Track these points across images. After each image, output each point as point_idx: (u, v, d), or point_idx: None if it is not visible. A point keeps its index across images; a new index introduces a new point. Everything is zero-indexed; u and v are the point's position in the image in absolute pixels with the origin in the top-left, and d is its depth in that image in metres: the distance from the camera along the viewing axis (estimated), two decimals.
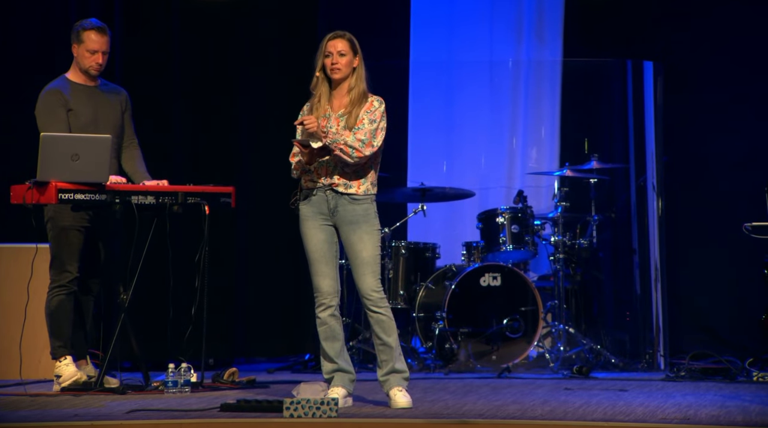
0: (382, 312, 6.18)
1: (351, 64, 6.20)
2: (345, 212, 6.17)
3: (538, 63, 9.60)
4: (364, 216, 6.18)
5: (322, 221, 6.22)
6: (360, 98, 6.18)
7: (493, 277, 8.56)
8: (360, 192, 6.18)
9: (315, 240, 6.22)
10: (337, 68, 6.18)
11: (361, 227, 6.17)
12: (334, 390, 6.18)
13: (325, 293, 6.23)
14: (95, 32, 7.02)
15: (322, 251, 6.21)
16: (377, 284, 6.18)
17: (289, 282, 9.36)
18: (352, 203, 6.17)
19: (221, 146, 9.14)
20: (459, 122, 9.58)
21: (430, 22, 9.72)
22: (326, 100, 6.24)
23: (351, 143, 6.08)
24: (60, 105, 6.97)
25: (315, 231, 6.22)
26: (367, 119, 6.15)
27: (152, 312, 7.96)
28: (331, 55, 6.19)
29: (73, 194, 6.64)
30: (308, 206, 6.23)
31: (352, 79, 6.21)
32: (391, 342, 6.18)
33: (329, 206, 6.19)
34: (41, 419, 5.72)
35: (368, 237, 6.17)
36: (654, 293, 8.80)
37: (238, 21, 9.24)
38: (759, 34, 9.25)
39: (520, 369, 8.39)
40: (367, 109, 6.18)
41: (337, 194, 6.17)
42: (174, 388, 6.72)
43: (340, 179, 6.16)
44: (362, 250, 6.16)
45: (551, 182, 9.04)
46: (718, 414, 5.87)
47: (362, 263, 6.17)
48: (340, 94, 6.23)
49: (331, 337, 6.24)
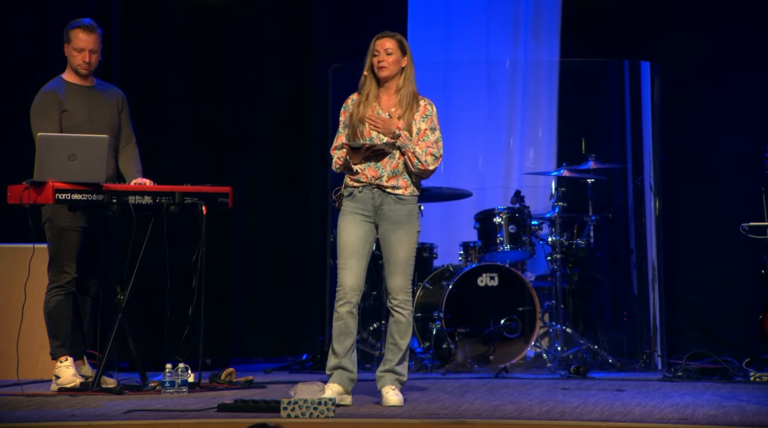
0: (404, 314, 6.24)
1: (399, 63, 6.26)
2: (390, 211, 6.22)
3: (535, 63, 9.60)
4: (408, 217, 6.23)
5: (364, 217, 6.24)
6: (411, 101, 6.26)
7: (491, 277, 8.56)
8: (407, 193, 6.24)
9: (353, 235, 6.23)
10: (384, 66, 6.23)
11: (402, 227, 6.22)
12: (330, 386, 6.20)
13: (348, 289, 6.22)
14: (82, 30, 7.02)
15: (355, 246, 6.22)
16: (408, 286, 6.24)
17: (287, 282, 9.36)
18: (398, 202, 6.22)
19: (219, 146, 9.14)
20: (456, 122, 9.57)
21: (426, 22, 9.72)
22: (374, 98, 6.28)
23: (419, 156, 6.18)
24: (53, 107, 6.97)
25: (354, 226, 6.24)
26: (427, 128, 6.24)
27: (150, 312, 7.95)
28: (379, 53, 6.24)
29: (71, 195, 6.63)
30: (352, 202, 6.26)
31: (399, 79, 6.28)
32: (402, 345, 6.25)
33: (374, 204, 6.23)
34: (38, 419, 5.71)
35: (407, 238, 6.22)
36: (651, 293, 8.81)
37: (236, 20, 9.23)
38: (756, 34, 9.25)
39: (518, 369, 8.38)
40: (423, 113, 6.27)
41: (383, 192, 6.21)
42: (171, 388, 6.72)
43: (388, 180, 6.21)
44: (399, 250, 6.21)
45: (548, 182, 9.04)
46: (715, 414, 5.87)
47: (397, 262, 6.22)
48: (387, 93, 6.29)
49: (344, 334, 6.24)
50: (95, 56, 7.07)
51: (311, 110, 9.25)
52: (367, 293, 8.64)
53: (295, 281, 9.29)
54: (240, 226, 9.23)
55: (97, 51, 7.07)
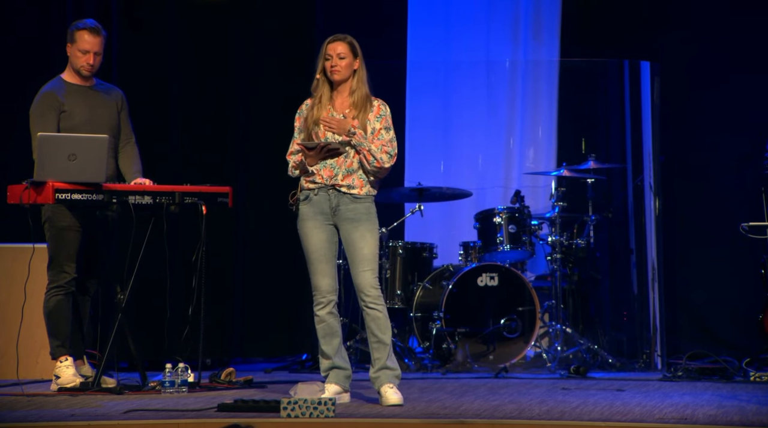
0: (379, 309, 6.25)
1: (351, 66, 6.29)
2: (347, 211, 6.24)
3: (535, 63, 9.60)
4: (366, 214, 6.26)
5: (323, 220, 6.27)
6: (364, 102, 6.29)
7: (491, 277, 8.56)
8: (362, 192, 6.27)
9: (316, 240, 6.27)
10: (337, 71, 6.27)
11: (363, 224, 6.25)
12: (328, 387, 6.26)
13: (324, 292, 6.30)
14: (88, 32, 7.02)
15: (322, 250, 6.28)
16: (376, 282, 6.26)
17: (286, 282, 9.35)
18: (354, 201, 6.25)
19: (219, 146, 9.14)
20: (456, 122, 9.58)
21: (427, 22, 9.72)
22: (327, 100, 6.32)
23: (375, 153, 6.20)
24: (52, 108, 6.97)
25: (316, 231, 6.28)
26: (382, 127, 6.26)
27: (149, 312, 7.95)
28: (331, 57, 6.28)
29: (71, 194, 6.64)
30: (309, 206, 6.29)
31: (353, 81, 6.31)
32: (386, 340, 6.25)
33: (331, 205, 6.25)
34: (38, 419, 5.71)
35: (369, 234, 6.25)
36: (651, 293, 8.81)
37: (236, 21, 9.23)
38: (756, 33, 9.25)
39: (518, 369, 8.39)
40: (376, 114, 6.30)
41: (339, 193, 6.24)
42: (171, 388, 6.72)
43: (343, 179, 6.22)
44: (364, 247, 6.23)
45: (548, 182, 9.04)
46: (715, 414, 5.87)
47: (363, 260, 6.24)
48: (341, 96, 6.33)
49: (329, 334, 6.31)
50: (98, 59, 7.07)
51: None
52: None
53: (295, 281, 9.28)
54: (240, 226, 9.23)
55: (101, 53, 7.07)
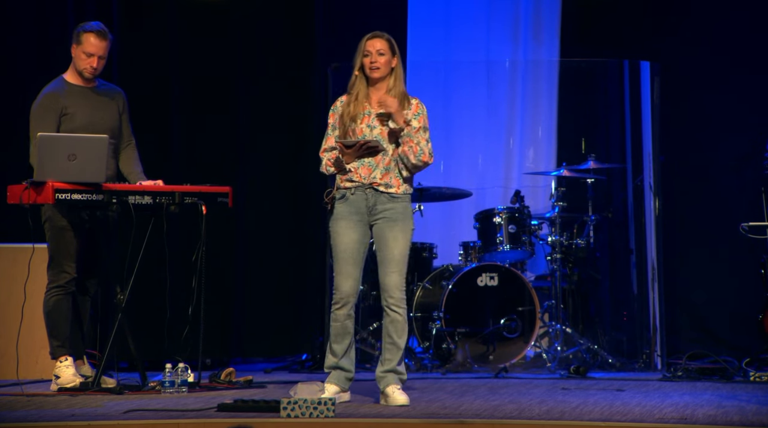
0: (400, 313, 6.24)
1: (389, 63, 6.27)
2: (384, 210, 6.22)
3: (535, 63, 9.60)
4: (403, 214, 6.24)
5: (358, 220, 6.25)
6: (402, 100, 6.27)
7: (491, 277, 8.56)
8: (399, 192, 6.25)
9: (347, 240, 6.24)
10: (376, 67, 6.24)
11: (398, 225, 6.22)
12: (328, 387, 6.26)
13: (345, 294, 6.26)
14: (95, 35, 7.01)
15: (351, 251, 6.24)
16: (402, 284, 6.24)
17: (287, 282, 9.35)
18: (392, 201, 6.23)
19: (219, 146, 9.14)
20: (456, 122, 9.58)
21: (426, 22, 9.72)
22: (364, 97, 6.28)
23: (423, 148, 6.20)
24: (53, 110, 6.97)
25: (348, 231, 6.24)
26: (421, 126, 6.25)
27: (149, 312, 7.95)
28: (370, 54, 6.25)
29: (70, 194, 6.64)
30: (344, 205, 6.25)
31: (390, 79, 6.29)
32: (400, 344, 6.26)
33: (368, 204, 6.23)
34: (38, 419, 5.71)
35: (403, 236, 6.23)
36: (651, 293, 8.81)
37: (236, 20, 9.23)
38: (756, 33, 9.25)
39: (518, 369, 8.39)
40: (414, 112, 6.29)
41: (376, 192, 6.22)
42: (171, 388, 6.72)
43: (382, 178, 6.20)
44: (395, 248, 6.21)
45: (548, 182, 9.04)
46: (715, 414, 5.87)
47: (392, 261, 6.22)
48: (378, 93, 6.29)
49: (342, 335, 6.29)
50: (102, 62, 7.07)
51: (311, 110, 9.25)
52: (367, 293, 8.64)
53: (294, 281, 9.29)
54: (240, 226, 9.24)
55: (105, 57, 7.06)
